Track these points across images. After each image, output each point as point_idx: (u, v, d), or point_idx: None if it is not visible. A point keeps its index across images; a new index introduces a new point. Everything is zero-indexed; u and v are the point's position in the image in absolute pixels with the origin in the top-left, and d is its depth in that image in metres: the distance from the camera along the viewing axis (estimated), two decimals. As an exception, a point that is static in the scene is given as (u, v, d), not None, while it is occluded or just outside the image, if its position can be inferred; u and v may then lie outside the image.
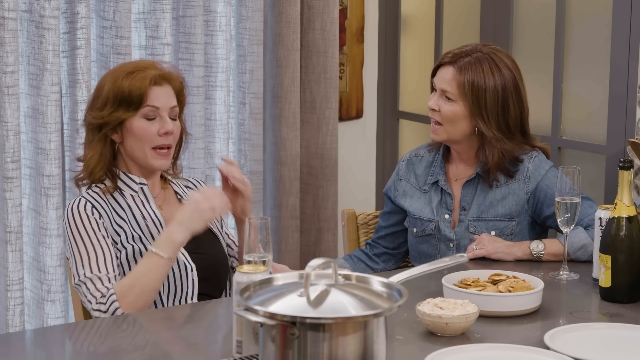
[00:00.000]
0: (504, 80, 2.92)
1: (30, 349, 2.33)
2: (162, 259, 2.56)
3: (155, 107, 2.66)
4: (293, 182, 3.89)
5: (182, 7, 3.56)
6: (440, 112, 2.94)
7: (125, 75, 2.66)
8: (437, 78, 2.97)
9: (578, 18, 3.54)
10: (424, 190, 3.05)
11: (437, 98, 2.96)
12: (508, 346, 2.16)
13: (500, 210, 2.95)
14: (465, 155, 3.01)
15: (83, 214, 2.63)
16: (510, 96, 2.92)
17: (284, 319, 1.73)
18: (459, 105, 2.92)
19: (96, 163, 2.68)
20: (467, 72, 2.90)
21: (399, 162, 3.15)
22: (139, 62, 2.76)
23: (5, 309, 3.27)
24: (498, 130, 2.92)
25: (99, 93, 2.69)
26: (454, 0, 4.02)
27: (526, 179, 2.95)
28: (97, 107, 2.67)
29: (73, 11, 3.32)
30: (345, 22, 4.14)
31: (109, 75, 2.71)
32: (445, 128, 2.94)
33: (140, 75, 2.66)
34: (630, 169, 2.54)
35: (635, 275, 2.53)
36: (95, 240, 2.61)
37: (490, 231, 2.95)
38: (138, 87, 2.64)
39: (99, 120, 2.66)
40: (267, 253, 2.17)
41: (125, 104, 2.65)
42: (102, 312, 2.54)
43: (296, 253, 3.94)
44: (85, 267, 2.59)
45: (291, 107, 3.84)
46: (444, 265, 2.12)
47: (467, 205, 2.98)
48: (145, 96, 2.65)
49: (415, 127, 4.28)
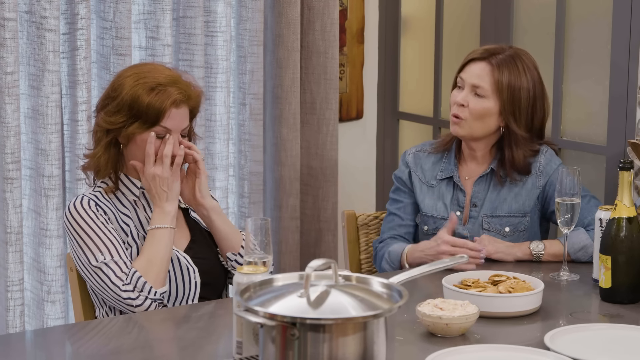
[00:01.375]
0: (534, 81, 2.94)
1: (30, 350, 2.33)
2: (165, 229, 2.61)
3: (167, 129, 2.65)
4: (293, 183, 3.88)
5: (182, 8, 3.56)
6: (468, 108, 2.92)
7: (147, 90, 2.62)
8: (467, 73, 2.94)
9: (578, 19, 3.54)
10: (431, 185, 3.04)
11: (466, 93, 2.94)
12: (508, 347, 2.16)
13: (514, 206, 2.95)
14: (479, 152, 3.00)
15: (88, 209, 2.62)
16: (538, 97, 2.95)
17: (284, 319, 1.73)
18: (489, 102, 2.91)
19: (105, 163, 2.67)
20: (503, 69, 2.90)
21: (404, 155, 3.11)
22: (160, 74, 2.67)
23: (5, 309, 3.27)
24: (526, 130, 2.93)
25: (114, 94, 2.65)
26: (454, 1, 4.02)
27: (538, 174, 2.95)
28: (110, 111, 2.64)
29: (73, 12, 3.32)
30: (346, 23, 4.14)
31: (129, 79, 2.64)
32: (469, 123, 2.93)
33: (163, 95, 2.62)
34: (631, 170, 2.54)
35: (636, 276, 2.53)
36: (104, 228, 2.60)
37: (505, 227, 2.95)
38: (157, 107, 2.61)
39: (109, 126, 2.64)
40: (267, 254, 2.17)
41: (142, 119, 2.62)
42: (130, 292, 2.53)
43: (296, 254, 3.94)
44: (98, 254, 2.56)
45: (291, 108, 3.84)
46: (444, 265, 2.12)
47: (478, 201, 2.98)
48: (162, 117, 2.63)
49: (415, 128, 4.28)
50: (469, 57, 2.97)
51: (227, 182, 3.75)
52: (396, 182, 3.11)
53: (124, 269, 2.56)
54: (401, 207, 3.08)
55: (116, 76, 2.71)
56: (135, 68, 2.72)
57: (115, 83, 2.68)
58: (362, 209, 3.96)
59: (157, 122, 2.62)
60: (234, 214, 3.87)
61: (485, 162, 3.01)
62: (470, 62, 2.95)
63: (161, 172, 2.62)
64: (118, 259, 2.57)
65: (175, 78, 2.67)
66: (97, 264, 2.56)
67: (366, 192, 4.31)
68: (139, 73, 2.67)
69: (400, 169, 3.11)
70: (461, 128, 2.94)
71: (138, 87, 2.62)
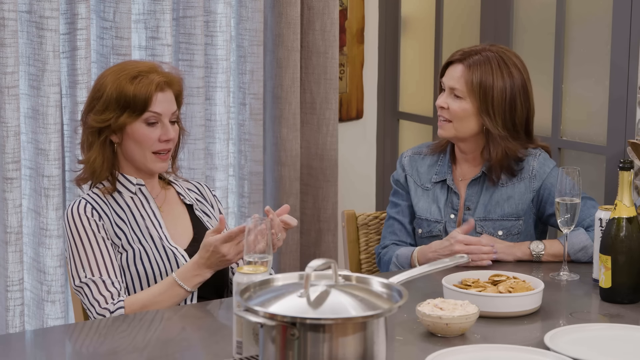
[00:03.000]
0: (512, 79, 2.93)
1: (30, 349, 2.33)
2: (184, 291, 2.59)
3: (157, 113, 2.66)
4: (293, 183, 3.88)
5: (182, 7, 3.56)
6: (449, 110, 2.95)
7: (129, 80, 2.65)
8: (446, 77, 2.98)
9: (578, 19, 3.54)
10: (425, 187, 3.05)
11: (445, 96, 2.97)
12: (508, 347, 2.16)
13: (507, 210, 2.96)
14: (470, 155, 3.01)
15: (83, 216, 2.63)
16: (518, 95, 2.93)
17: (284, 319, 1.73)
18: (467, 103, 2.93)
19: (100, 165, 2.68)
20: (475, 70, 2.92)
21: (401, 158, 3.13)
22: (139, 64, 2.73)
23: (5, 309, 3.27)
24: (504, 128, 2.93)
25: (98, 94, 2.67)
26: (454, 1, 4.02)
27: (531, 177, 2.96)
28: (98, 110, 2.66)
29: (73, 12, 3.32)
30: (346, 23, 4.14)
31: (110, 76, 2.68)
32: (454, 125, 2.96)
33: (145, 81, 2.65)
34: (631, 170, 2.54)
35: (636, 276, 2.53)
36: (95, 243, 2.61)
37: (498, 231, 2.95)
38: (143, 92, 2.63)
39: (100, 124, 2.65)
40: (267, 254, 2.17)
41: (130, 109, 2.64)
42: (104, 312, 2.55)
43: (296, 254, 3.94)
44: (85, 270, 2.59)
45: (291, 107, 3.84)
46: (444, 265, 2.12)
47: (472, 205, 2.98)
48: (150, 102, 2.65)
49: (415, 128, 4.28)
50: (447, 60, 3.00)
51: (227, 182, 3.75)
52: (394, 184, 3.12)
53: (108, 287, 2.58)
54: (400, 211, 3.09)
55: (96, 80, 2.73)
56: (113, 67, 2.76)
57: (97, 84, 2.70)
58: (362, 208, 3.96)
59: (145, 109, 2.65)
60: (234, 214, 3.87)
61: (479, 165, 3.02)
62: (449, 65, 2.98)
63: (229, 255, 2.55)
64: (102, 277, 2.59)
65: (154, 66, 2.72)
66: (83, 281, 2.59)
67: (366, 192, 4.31)
68: (118, 69, 2.70)
69: (397, 172, 3.12)
70: (445, 130, 2.98)
71: (121, 80, 2.65)
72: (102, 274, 2.59)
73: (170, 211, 2.76)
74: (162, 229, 2.70)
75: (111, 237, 2.65)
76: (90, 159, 2.68)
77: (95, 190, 2.71)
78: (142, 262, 2.64)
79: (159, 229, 2.69)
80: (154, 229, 2.69)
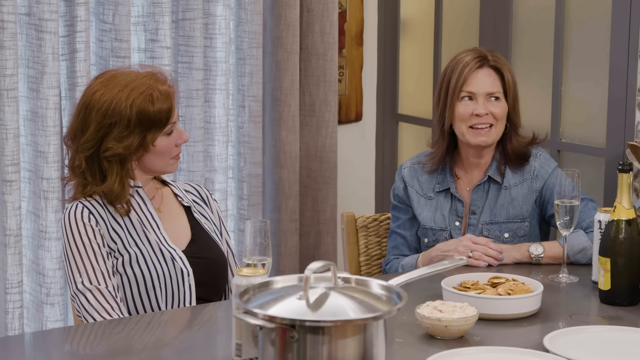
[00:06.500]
0: None
1: (29, 352, 2.33)
2: None
3: (173, 122, 2.68)
4: (292, 185, 3.89)
5: (181, 10, 3.56)
6: (490, 114, 2.95)
7: (144, 99, 2.62)
8: (475, 85, 2.95)
9: (577, 21, 3.54)
10: (428, 197, 3.04)
11: (482, 103, 2.95)
12: (507, 349, 2.16)
13: (512, 212, 2.96)
14: (483, 159, 3.01)
15: (80, 222, 2.62)
16: None
17: (284, 322, 1.73)
18: (504, 103, 2.98)
19: (121, 189, 2.65)
20: (504, 69, 2.98)
21: (400, 170, 3.12)
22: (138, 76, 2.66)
23: (4, 312, 3.27)
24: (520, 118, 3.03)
25: (112, 120, 2.59)
26: (454, 3, 4.03)
27: (534, 178, 2.96)
28: (120, 136, 2.61)
29: (72, 14, 3.32)
30: (345, 25, 4.14)
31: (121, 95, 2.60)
32: (496, 128, 2.97)
33: (160, 97, 2.64)
34: (630, 172, 2.54)
35: (635, 278, 2.53)
36: (90, 250, 2.61)
37: (504, 233, 2.96)
38: (165, 107, 2.64)
39: (126, 151, 2.61)
40: (266, 256, 2.17)
41: (155, 126, 2.64)
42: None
43: (295, 256, 3.94)
44: (82, 276, 2.59)
45: (290, 110, 3.85)
46: (443, 268, 2.12)
47: (477, 209, 2.98)
48: (172, 115, 2.67)
49: (414, 130, 4.28)
50: (467, 70, 2.95)
51: (226, 184, 3.75)
52: (392, 199, 3.13)
53: (107, 298, 2.58)
54: (401, 225, 3.10)
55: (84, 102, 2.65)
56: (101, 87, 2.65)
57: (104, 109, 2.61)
58: (361, 211, 3.97)
59: (168, 122, 2.66)
60: (233, 216, 3.87)
61: (483, 169, 3.02)
62: (471, 74, 2.95)
63: None
64: (100, 286, 2.59)
65: (153, 74, 2.70)
66: (80, 289, 2.59)
67: (365, 194, 4.31)
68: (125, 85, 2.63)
69: (396, 185, 3.12)
70: (489, 136, 2.96)
71: (138, 100, 2.62)
72: (100, 283, 2.59)
73: (168, 212, 2.76)
74: (160, 230, 2.69)
75: (107, 243, 2.64)
76: (109, 185, 2.65)
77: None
78: (139, 265, 2.64)
79: (157, 231, 2.69)
80: (152, 230, 2.68)
